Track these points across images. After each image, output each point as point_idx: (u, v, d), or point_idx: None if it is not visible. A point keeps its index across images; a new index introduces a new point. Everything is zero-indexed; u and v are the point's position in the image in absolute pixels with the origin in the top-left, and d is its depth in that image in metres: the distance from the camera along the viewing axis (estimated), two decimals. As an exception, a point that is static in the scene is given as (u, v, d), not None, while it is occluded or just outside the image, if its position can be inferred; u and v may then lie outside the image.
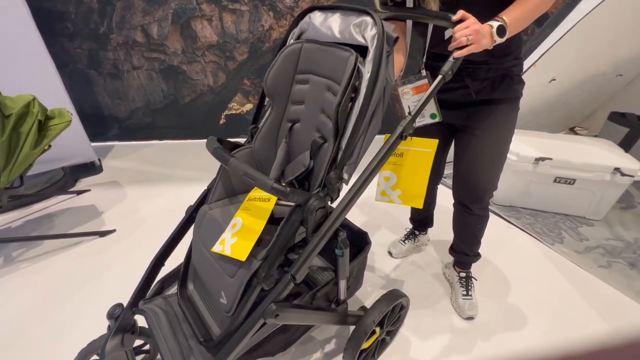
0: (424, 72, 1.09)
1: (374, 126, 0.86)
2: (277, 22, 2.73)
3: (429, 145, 1.04)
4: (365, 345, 1.11)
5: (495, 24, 0.90)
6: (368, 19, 0.81)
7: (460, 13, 0.89)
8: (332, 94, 0.91)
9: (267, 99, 1.06)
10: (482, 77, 1.14)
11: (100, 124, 2.89)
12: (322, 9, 0.95)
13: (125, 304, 1.00)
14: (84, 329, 1.33)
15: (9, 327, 1.35)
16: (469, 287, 1.50)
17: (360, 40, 0.83)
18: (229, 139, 1.04)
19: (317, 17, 0.95)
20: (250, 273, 0.85)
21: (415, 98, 1.11)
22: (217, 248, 0.90)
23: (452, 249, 1.54)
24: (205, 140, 0.92)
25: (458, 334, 1.38)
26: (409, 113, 0.92)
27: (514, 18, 0.93)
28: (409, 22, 1.09)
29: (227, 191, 1.11)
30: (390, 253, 1.81)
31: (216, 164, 1.03)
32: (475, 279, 1.55)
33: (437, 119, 1.11)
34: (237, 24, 2.70)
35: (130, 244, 1.82)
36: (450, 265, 1.61)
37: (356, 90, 0.82)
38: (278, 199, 0.95)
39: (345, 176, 0.84)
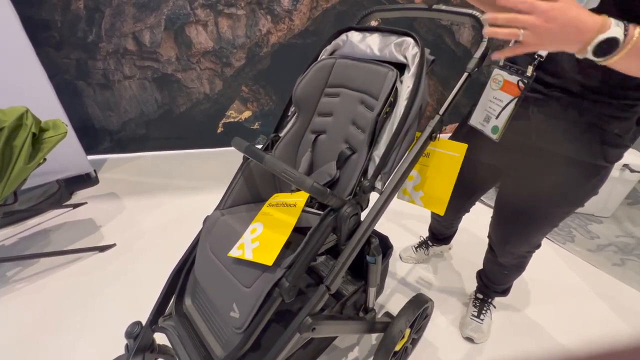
0: (529, 71, 0.83)
1: (408, 139, 0.85)
2: (275, 26, 2.68)
3: (458, 149, 0.94)
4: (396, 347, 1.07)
5: (619, 25, 0.55)
6: (409, 39, 0.84)
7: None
8: (366, 107, 0.92)
9: (292, 109, 1.06)
10: (554, 115, 0.84)
11: (90, 137, 2.73)
12: (359, 29, 0.97)
13: (138, 320, 0.93)
14: (88, 351, 1.26)
15: (7, 353, 1.26)
16: (482, 311, 1.37)
17: (401, 58, 0.85)
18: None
19: (354, 36, 0.97)
20: (272, 282, 0.76)
21: (496, 94, 0.92)
22: (234, 253, 0.81)
23: (478, 273, 1.42)
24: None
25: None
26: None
27: None
28: None
29: (242, 198, 1.04)
30: (400, 256, 1.77)
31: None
32: (494, 307, 1.41)
33: (494, 136, 0.93)
34: (233, 28, 2.64)
35: (132, 257, 1.74)
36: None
37: (391, 105, 0.83)
38: (305, 206, 0.90)
39: (379, 185, 0.83)
